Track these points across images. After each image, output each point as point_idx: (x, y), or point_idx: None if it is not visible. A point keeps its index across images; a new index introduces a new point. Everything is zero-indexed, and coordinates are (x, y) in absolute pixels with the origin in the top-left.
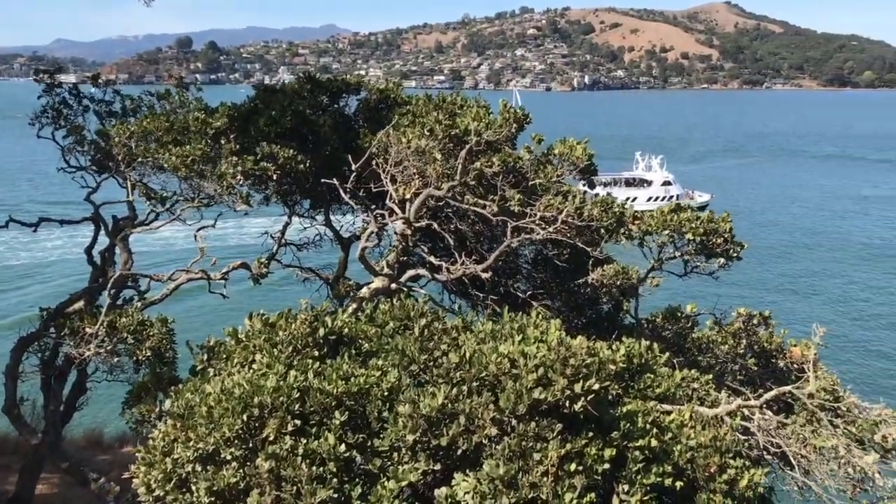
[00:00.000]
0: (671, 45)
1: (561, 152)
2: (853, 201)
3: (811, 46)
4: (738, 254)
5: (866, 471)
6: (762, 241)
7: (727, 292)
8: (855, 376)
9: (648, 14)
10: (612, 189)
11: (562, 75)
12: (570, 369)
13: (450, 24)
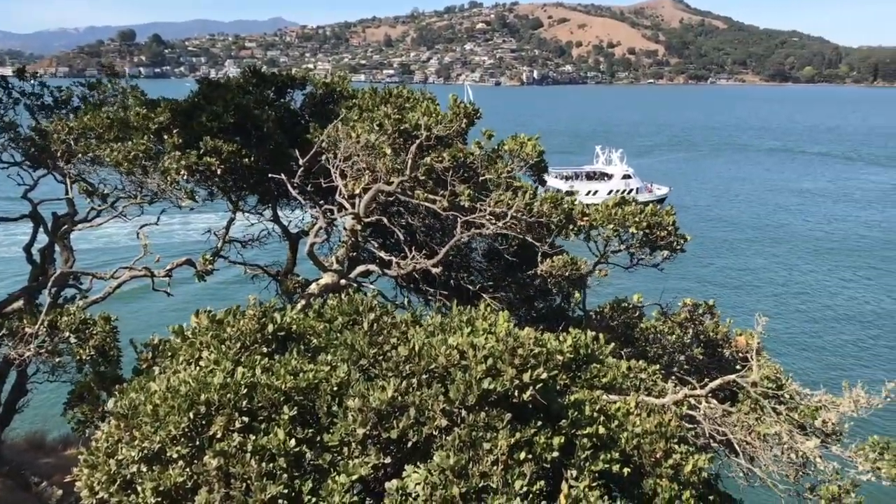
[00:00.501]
0: (618, 41)
1: (511, 148)
2: (794, 194)
3: (754, 42)
4: (681, 246)
5: (808, 456)
6: (707, 234)
7: (675, 284)
8: (797, 364)
9: (596, 9)
10: (574, 182)
11: (511, 70)
12: (519, 360)
13: (399, 17)
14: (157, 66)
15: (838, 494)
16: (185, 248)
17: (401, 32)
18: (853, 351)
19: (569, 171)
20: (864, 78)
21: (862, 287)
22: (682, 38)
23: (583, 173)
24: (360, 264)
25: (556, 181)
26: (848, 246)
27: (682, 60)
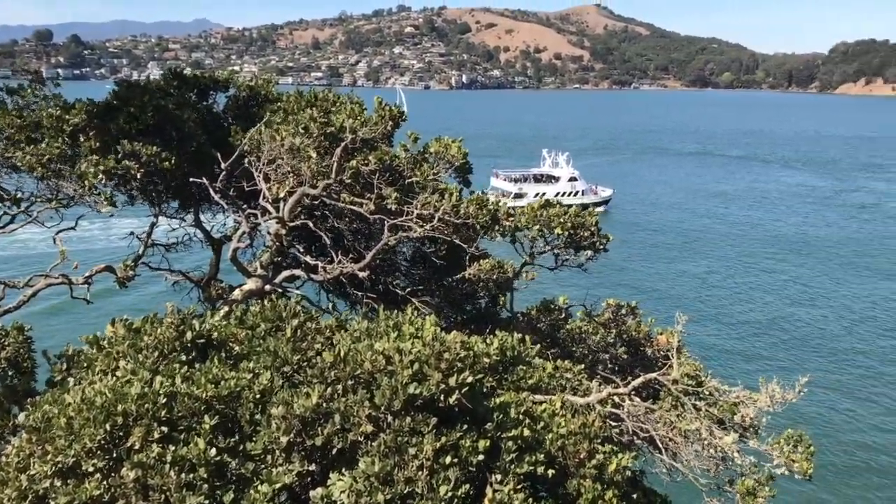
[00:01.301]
0: (545, 46)
1: (436, 151)
2: (714, 196)
3: (675, 48)
4: (604, 246)
5: (726, 451)
6: (632, 235)
7: (601, 282)
8: (718, 361)
9: (523, 15)
10: (523, 185)
11: (440, 74)
12: (445, 363)
13: (327, 20)
14: (76, 68)
15: (754, 488)
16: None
17: (329, 35)
18: (771, 346)
19: (517, 174)
20: (779, 84)
21: (779, 284)
22: (607, 45)
23: (530, 176)
24: (285, 269)
25: (504, 183)
26: (765, 245)
27: (606, 66)
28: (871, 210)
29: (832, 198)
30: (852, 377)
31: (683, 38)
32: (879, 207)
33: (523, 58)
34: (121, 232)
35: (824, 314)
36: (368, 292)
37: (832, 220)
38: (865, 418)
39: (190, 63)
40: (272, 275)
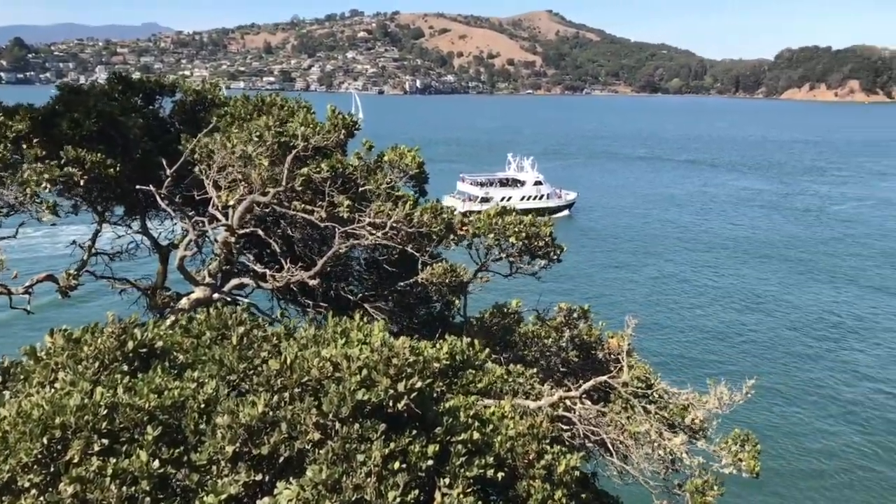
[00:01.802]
0: (498, 51)
1: (391, 159)
2: (664, 199)
3: (626, 54)
4: (558, 256)
5: (676, 452)
6: (587, 238)
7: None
8: (668, 363)
9: (476, 20)
10: (489, 189)
11: (394, 79)
12: (394, 369)
13: (279, 24)
14: (20, 72)
15: (702, 487)
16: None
17: (281, 39)
18: (720, 348)
19: (482, 178)
20: (727, 89)
21: (727, 287)
22: (559, 50)
23: (496, 180)
24: (234, 277)
25: (471, 188)
26: (714, 248)
27: (558, 71)
28: (816, 213)
29: (778, 201)
30: (798, 379)
31: (633, 44)
32: (823, 211)
33: (477, 63)
34: (68, 240)
35: (771, 317)
36: (320, 299)
37: (778, 223)
38: (811, 419)
39: (139, 67)
40: (221, 283)
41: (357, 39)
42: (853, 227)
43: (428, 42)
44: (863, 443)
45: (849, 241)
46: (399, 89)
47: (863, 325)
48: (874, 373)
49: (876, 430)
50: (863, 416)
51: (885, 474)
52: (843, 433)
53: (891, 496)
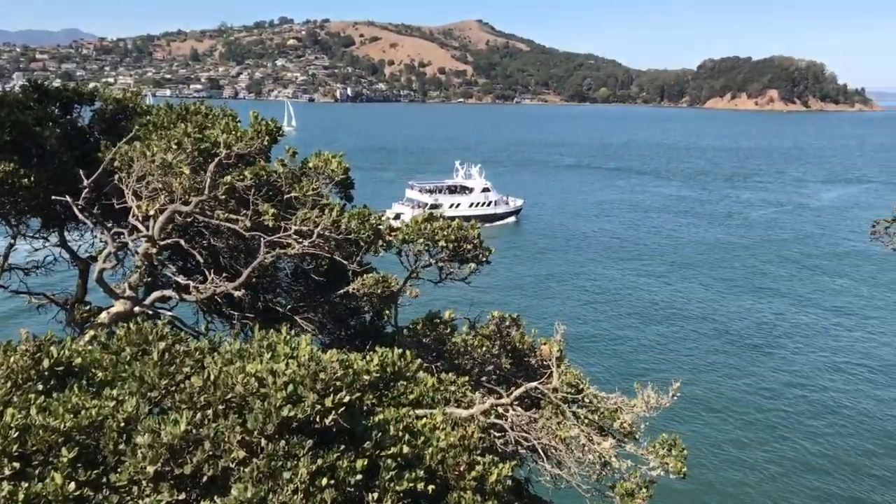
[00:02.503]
0: (429, 60)
1: (316, 165)
2: (592, 206)
3: (554, 64)
4: (486, 258)
5: (606, 456)
6: (516, 245)
7: (494, 292)
8: (600, 368)
9: (406, 29)
10: (438, 196)
11: (324, 87)
12: (321, 384)
13: (206, 31)
14: None
15: (632, 490)
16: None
17: (208, 47)
18: (649, 352)
19: (431, 185)
20: (652, 98)
21: (655, 290)
22: (489, 60)
23: (445, 187)
24: (156, 290)
25: (420, 195)
26: (642, 253)
27: (489, 81)
28: (737, 218)
29: (702, 208)
30: (721, 381)
31: (562, 54)
32: (744, 216)
33: (408, 71)
34: None
35: (696, 321)
36: (247, 311)
37: (703, 229)
38: (731, 420)
39: (60, 74)
40: (142, 296)
41: (287, 47)
42: (773, 232)
43: (359, 50)
44: (781, 446)
45: (769, 246)
46: (330, 97)
47: (782, 328)
48: (793, 376)
49: (793, 432)
50: (780, 419)
51: (800, 477)
52: (762, 435)
53: (807, 499)
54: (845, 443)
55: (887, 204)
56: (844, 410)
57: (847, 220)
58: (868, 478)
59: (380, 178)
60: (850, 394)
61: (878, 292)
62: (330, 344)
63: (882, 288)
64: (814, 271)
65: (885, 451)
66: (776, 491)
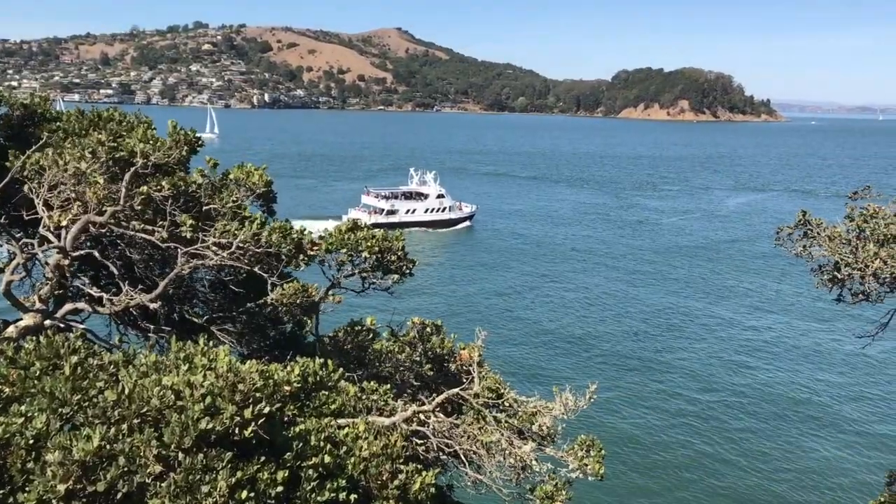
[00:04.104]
0: (348, 67)
1: (237, 177)
2: (506, 213)
3: (474, 73)
4: (410, 270)
5: (525, 459)
6: (426, 253)
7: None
8: (520, 372)
9: (325, 35)
10: (394, 202)
11: (241, 92)
12: (240, 395)
13: (117, 35)
14: None
15: (551, 493)
16: None
17: (119, 51)
18: (568, 355)
19: (387, 192)
20: (569, 108)
21: (572, 295)
22: (409, 68)
23: (400, 193)
24: (68, 302)
25: (376, 201)
26: (558, 258)
27: (409, 88)
28: (649, 224)
29: (614, 215)
30: (636, 382)
31: (481, 63)
32: (656, 222)
33: (327, 78)
34: None
35: (611, 323)
36: (163, 323)
37: (616, 235)
38: (652, 417)
39: None
40: (53, 309)
41: (201, 52)
42: (682, 238)
43: (276, 56)
44: (698, 443)
45: (679, 252)
46: (247, 103)
47: (692, 329)
48: (706, 374)
49: (708, 428)
50: (695, 417)
51: (716, 474)
52: (677, 433)
53: (723, 496)
54: (758, 437)
55: (790, 210)
56: (756, 406)
57: (752, 226)
58: (783, 472)
59: (299, 185)
60: (761, 390)
61: (783, 295)
62: (249, 355)
63: (787, 291)
64: (722, 275)
65: (793, 443)
66: (693, 488)
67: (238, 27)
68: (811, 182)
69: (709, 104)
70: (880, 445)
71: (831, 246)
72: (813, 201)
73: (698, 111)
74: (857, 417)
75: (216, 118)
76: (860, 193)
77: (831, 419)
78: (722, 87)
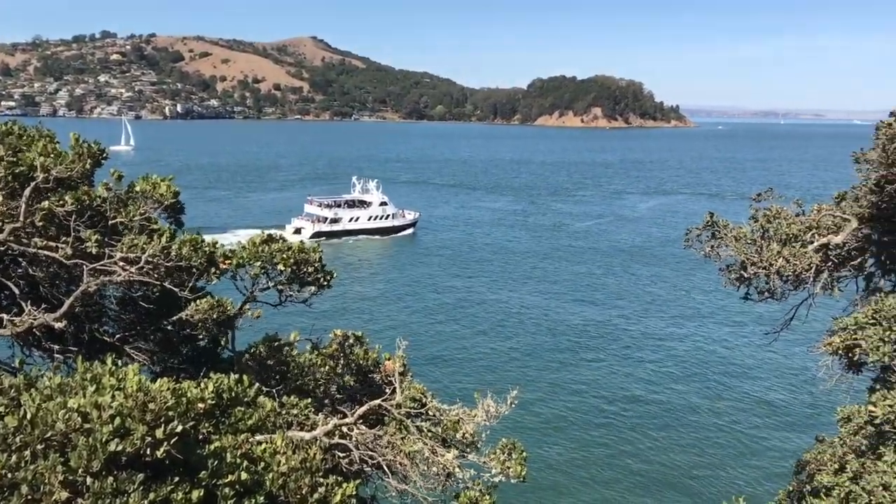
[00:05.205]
0: (263, 76)
1: (144, 189)
2: (430, 221)
3: (391, 82)
4: (328, 282)
5: (449, 467)
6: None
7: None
8: (445, 380)
9: (238, 45)
10: (337, 210)
11: (152, 103)
12: (151, 415)
13: (18, 45)
14: None
15: (476, 498)
16: None
17: (21, 61)
18: (491, 361)
19: (330, 200)
20: (486, 116)
21: (490, 300)
22: (325, 77)
23: (343, 201)
24: None
25: (319, 209)
26: (477, 264)
27: (326, 97)
28: (565, 229)
29: (530, 221)
30: (557, 382)
31: (398, 72)
32: (571, 227)
33: (242, 88)
34: None
35: (531, 326)
36: (72, 343)
37: (533, 240)
38: (572, 419)
39: None
40: None
41: (110, 62)
42: (597, 241)
43: (188, 66)
44: (615, 441)
45: (594, 254)
46: (159, 114)
47: (608, 330)
48: (619, 374)
49: (623, 429)
50: (614, 417)
51: (635, 469)
52: (597, 433)
53: (640, 490)
54: (672, 433)
55: (699, 212)
56: (669, 404)
57: (664, 229)
58: (697, 466)
59: (213, 196)
60: (674, 388)
61: (695, 294)
62: (163, 373)
63: (698, 291)
64: (636, 276)
65: (707, 437)
66: (614, 485)
67: (148, 36)
68: (719, 185)
69: (621, 111)
70: (789, 436)
71: (737, 246)
72: (720, 203)
73: (611, 118)
74: (767, 411)
75: (131, 130)
76: (763, 195)
77: (743, 413)
78: (633, 94)
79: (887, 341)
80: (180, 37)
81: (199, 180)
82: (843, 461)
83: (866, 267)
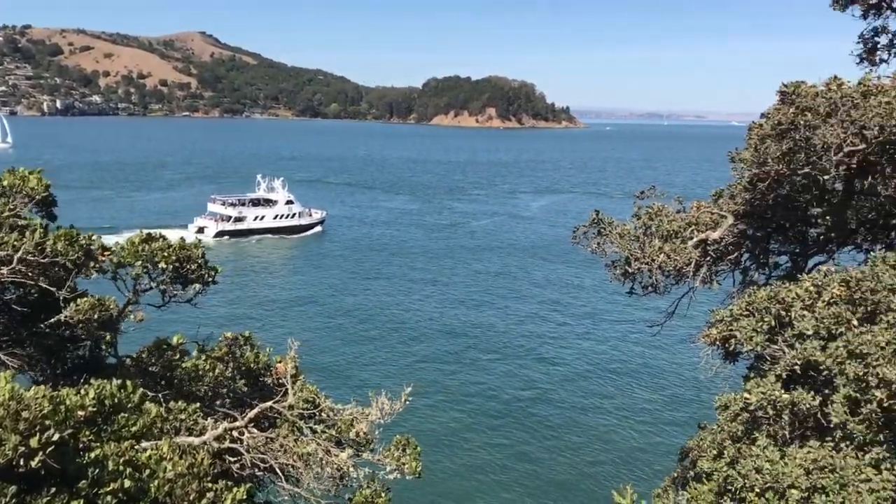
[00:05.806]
0: (149, 72)
1: (11, 184)
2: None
3: (284, 79)
4: (212, 278)
5: (343, 467)
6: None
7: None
8: (341, 381)
9: (122, 39)
10: (242, 209)
11: (29, 98)
12: (24, 424)
13: None
14: None
15: (371, 497)
16: None
17: None
18: (388, 360)
19: (234, 199)
20: (382, 115)
21: (386, 300)
22: (214, 72)
23: (248, 200)
24: None
25: (223, 208)
26: (375, 266)
27: (216, 94)
28: (460, 227)
29: (427, 219)
30: (452, 380)
31: (291, 68)
32: (465, 225)
33: (126, 83)
34: None
35: (428, 324)
36: None
37: (430, 239)
38: (468, 415)
39: None
40: None
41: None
42: (491, 239)
43: (68, 59)
44: (509, 438)
45: (488, 251)
46: (36, 110)
47: (503, 326)
48: (513, 370)
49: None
50: (504, 413)
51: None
52: (492, 430)
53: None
54: (564, 428)
55: (588, 210)
56: (561, 399)
57: (554, 226)
58: (588, 462)
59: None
60: (566, 383)
61: (584, 290)
62: (44, 381)
63: (587, 287)
64: (528, 272)
65: (598, 431)
66: (510, 489)
67: (23, 28)
68: (606, 183)
69: (514, 111)
70: (677, 427)
71: (622, 243)
72: (608, 201)
73: (505, 118)
74: (656, 404)
75: (8, 127)
76: (646, 193)
77: (633, 408)
78: (526, 95)
79: (759, 331)
80: (59, 29)
81: (82, 179)
82: (721, 447)
83: (742, 261)
